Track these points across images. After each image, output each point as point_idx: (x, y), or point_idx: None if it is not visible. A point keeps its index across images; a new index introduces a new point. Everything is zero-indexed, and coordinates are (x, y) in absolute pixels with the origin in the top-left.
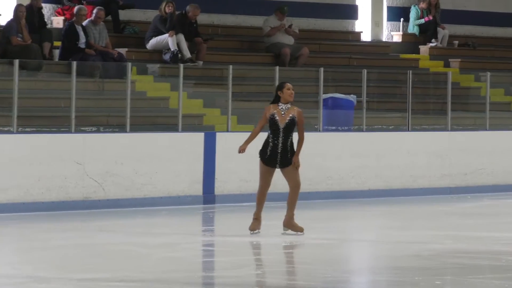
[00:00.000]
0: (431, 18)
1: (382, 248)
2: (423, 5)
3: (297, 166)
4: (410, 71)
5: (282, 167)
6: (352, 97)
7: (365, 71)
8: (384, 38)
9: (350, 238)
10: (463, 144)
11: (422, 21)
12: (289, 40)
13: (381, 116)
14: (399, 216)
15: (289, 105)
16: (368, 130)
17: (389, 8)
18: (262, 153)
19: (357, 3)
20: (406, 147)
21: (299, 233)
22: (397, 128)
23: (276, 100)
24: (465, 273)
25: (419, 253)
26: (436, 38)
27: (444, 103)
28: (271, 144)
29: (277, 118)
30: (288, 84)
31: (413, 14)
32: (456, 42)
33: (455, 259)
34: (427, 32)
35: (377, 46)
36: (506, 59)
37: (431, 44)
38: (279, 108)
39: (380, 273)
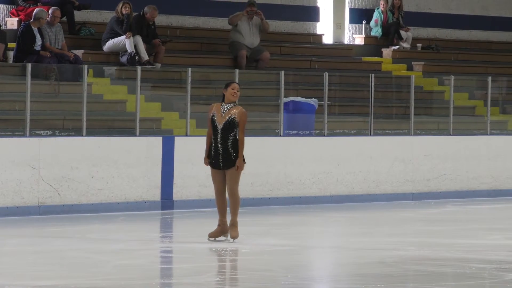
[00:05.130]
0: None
1: (344, 254)
2: (385, 7)
3: (238, 169)
4: (373, 75)
5: (225, 168)
6: (314, 101)
7: (326, 74)
8: (346, 41)
9: (311, 245)
10: (426, 149)
11: (378, 29)
12: (254, 39)
13: (343, 120)
14: (361, 222)
15: (232, 105)
16: (329, 134)
17: (351, 10)
18: (208, 154)
19: (318, 5)
20: (368, 152)
21: (230, 239)
22: (359, 133)
23: (222, 99)
24: (428, 280)
25: (382, 260)
26: (399, 40)
27: (407, 107)
28: (213, 145)
29: (216, 118)
30: (235, 83)
31: (375, 16)
32: (420, 45)
33: (419, 266)
34: (390, 35)
35: (339, 49)
36: (470, 63)
37: (394, 47)
38: (221, 107)
39: (341, 280)
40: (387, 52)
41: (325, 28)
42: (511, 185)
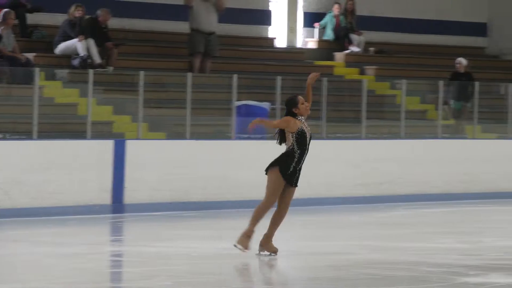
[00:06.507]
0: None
1: (297, 258)
2: (338, 11)
3: None
4: (325, 78)
5: (296, 186)
6: (266, 105)
7: (279, 78)
8: (299, 45)
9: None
10: (378, 153)
11: (330, 32)
12: (212, 19)
13: None
14: (313, 226)
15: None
16: None
17: (304, 14)
18: (285, 168)
19: (270, 8)
20: (320, 156)
21: (272, 254)
22: (311, 136)
23: (290, 113)
24: (380, 284)
25: (334, 264)
26: (351, 44)
27: (359, 111)
28: (296, 160)
29: (306, 131)
30: (300, 97)
31: (328, 20)
32: (372, 49)
33: (370, 269)
34: (343, 38)
35: (292, 53)
36: (422, 67)
37: (346, 51)
38: (301, 122)
39: (293, 284)
40: (339, 56)
41: (278, 32)
42: (462, 188)
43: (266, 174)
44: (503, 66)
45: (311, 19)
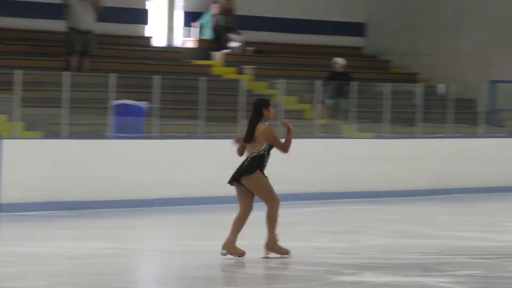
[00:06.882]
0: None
1: (172, 257)
2: (217, 10)
3: None
4: (203, 78)
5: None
6: (144, 104)
7: (157, 77)
8: (177, 44)
9: (139, 248)
10: None
11: (209, 31)
12: (88, 17)
13: (174, 124)
14: (189, 226)
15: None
16: (160, 137)
17: (184, 13)
18: (261, 168)
19: (147, 7)
20: (198, 155)
21: (284, 256)
22: (189, 136)
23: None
24: (255, 283)
25: (209, 263)
26: (230, 44)
27: (237, 111)
28: (265, 163)
29: None
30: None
31: (206, 19)
32: (251, 48)
33: (246, 268)
34: (221, 38)
35: (170, 52)
36: (300, 66)
37: (225, 51)
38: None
39: (168, 283)
40: (218, 55)
41: (158, 31)
42: (339, 188)
43: (232, 185)
44: (381, 66)
45: (190, 18)
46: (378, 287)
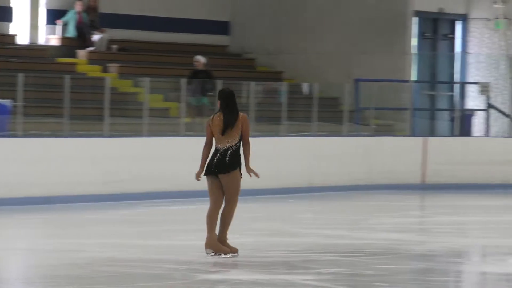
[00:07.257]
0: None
1: (37, 256)
2: (81, 8)
3: None
4: (67, 76)
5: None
6: (8, 102)
7: (21, 75)
8: (41, 42)
9: (4, 247)
10: (120, 151)
11: (73, 29)
12: None
13: (38, 122)
14: (54, 225)
15: None
16: (24, 135)
17: (47, 10)
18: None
19: (11, 5)
20: (63, 153)
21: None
22: (54, 134)
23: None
24: (118, 281)
25: (74, 262)
26: (93, 42)
27: (101, 109)
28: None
29: None
30: None
31: (70, 17)
32: (115, 46)
33: (110, 267)
34: (85, 35)
35: (34, 50)
36: (165, 64)
37: (89, 48)
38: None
39: (34, 282)
40: (82, 53)
41: (20, 29)
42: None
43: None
44: (245, 65)
45: (54, 16)
46: (244, 285)
